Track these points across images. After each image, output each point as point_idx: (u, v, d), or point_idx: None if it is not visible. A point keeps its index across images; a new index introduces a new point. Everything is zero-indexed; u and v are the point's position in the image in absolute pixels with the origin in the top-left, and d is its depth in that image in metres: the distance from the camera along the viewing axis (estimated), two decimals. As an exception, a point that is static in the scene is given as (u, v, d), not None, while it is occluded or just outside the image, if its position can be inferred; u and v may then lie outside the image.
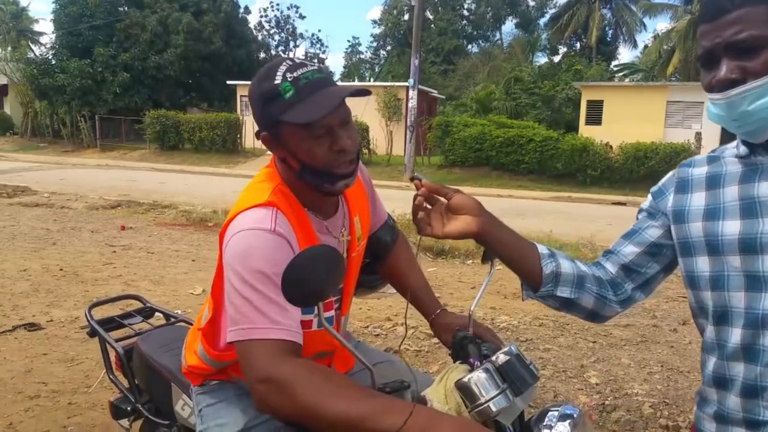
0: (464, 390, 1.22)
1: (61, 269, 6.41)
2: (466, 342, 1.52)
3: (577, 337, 4.63)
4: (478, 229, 1.29)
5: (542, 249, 1.36)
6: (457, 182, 18.48)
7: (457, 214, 1.30)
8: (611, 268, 1.40)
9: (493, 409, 1.19)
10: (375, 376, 1.22)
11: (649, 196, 1.39)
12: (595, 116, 23.67)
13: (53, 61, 30.20)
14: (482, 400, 1.19)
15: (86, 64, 28.37)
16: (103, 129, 28.43)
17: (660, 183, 1.38)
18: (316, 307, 1.49)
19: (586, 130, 22.31)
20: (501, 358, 1.28)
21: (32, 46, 44.03)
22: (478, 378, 1.23)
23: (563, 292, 1.35)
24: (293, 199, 1.42)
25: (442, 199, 1.32)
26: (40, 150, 27.88)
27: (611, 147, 18.43)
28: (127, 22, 30.34)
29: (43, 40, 46.21)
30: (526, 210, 12.96)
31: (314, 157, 1.34)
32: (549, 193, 17.07)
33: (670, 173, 1.37)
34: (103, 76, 28.82)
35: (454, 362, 1.50)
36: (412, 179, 1.35)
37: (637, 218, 1.41)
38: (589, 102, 24.07)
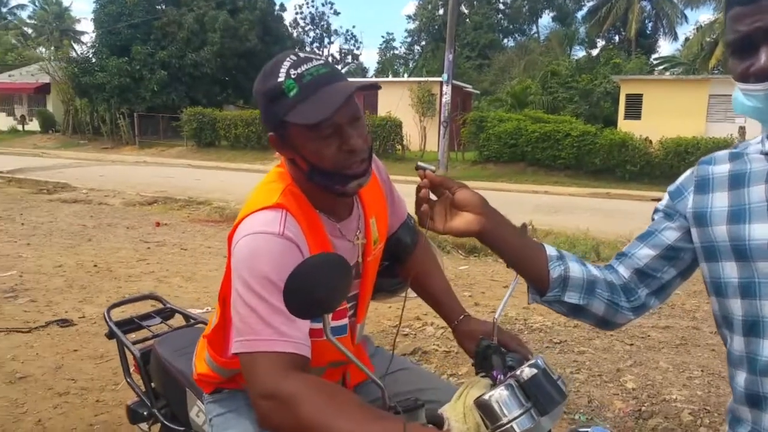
0: (484, 408, 1.12)
1: (95, 265, 6.48)
2: (489, 352, 1.43)
3: (613, 339, 4.48)
4: (479, 228, 1.20)
5: (551, 251, 1.26)
6: (491, 178, 18.29)
7: (461, 210, 1.21)
8: (624, 272, 1.30)
9: (517, 430, 1.09)
10: (386, 394, 1.14)
11: (666, 196, 1.28)
12: (634, 110, 23.16)
13: (93, 60, 30.73)
14: (504, 420, 1.10)
15: (125, 62, 28.80)
16: (141, 126, 28.87)
17: (678, 182, 1.27)
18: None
19: (625, 125, 21.83)
20: (526, 372, 1.19)
21: (74, 45, 45.07)
22: (499, 395, 1.13)
23: (571, 297, 1.25)
24: (304, 200, 1.35)
25: (449, 192, 1.23)
26: (80, 147, 28.45)
27: (651, 142, 17.98)
28: (164, 20, 30.69)
29: (84, 39, 47.28)
30: (562, 207, 12.73)
31: (323, 158, 1.26)
32: (586, 189, 16.75)
33: (689, 171, 1.26)
34: (141, 74, 29.22)
35: (476, 374, 1.42)
36: (416, 168, 1.26)
37: (653, 219, 1.30)
38: (628, 96, 23.56)
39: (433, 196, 1.24)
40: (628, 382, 3.74)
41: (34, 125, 33.64)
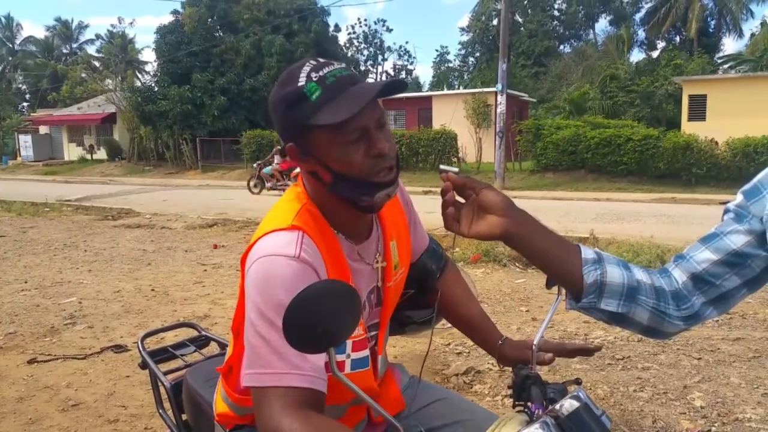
0: (513, 450, 1.01)
1: (153, 289, 6.57)
2: (528, 383, 1.31)
3: (680, 354, 4.22)
4: (500, 232, 1.08)
5: (587, 253, 1.13)
6: (550, 187, 17.92)
7: (485, 213, 1.10)
8: (679, 276, 1.15)
9: (549, 475, 0.98)
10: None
11: (739, 195, 1.13)
12: (698, 112, 22.35)
13: (156, 88, 31.83)
14: (535, 464, 0.98)
15: (186, 89, 29.65)
16: (203, 151, 29.66)
17: (755, 180, 1.11)
18: (346, 345, 1.33)
19: (689, 127, 21.10)
20: (566, 406, 1.08)
21: (138, 75, 46.80)
22: (533, 436, 1.03)
23: (609, 305, 1.12)
24: (322, 220, 1.27)
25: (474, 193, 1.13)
26: (145, 173, 29.43)
27: (717, 143, 17.30)
28: (222, 48, 31.51)
29: (147, 68, 49.06)
30: (625, 214, 12.31)
31: (350, 165, 1.18)
32: (651, 194, 16.19)
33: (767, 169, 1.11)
34: (202, 101, 29.99)
35: (514, 407, 1.30)
36: (439, 172, 1.16)
37: (722, 219, 1.15)
38: (691, 97, 22.77)
39: (461, 199, 1.14)
40: (696, 399, 3.50)
41: (101, 154, 35.03)
